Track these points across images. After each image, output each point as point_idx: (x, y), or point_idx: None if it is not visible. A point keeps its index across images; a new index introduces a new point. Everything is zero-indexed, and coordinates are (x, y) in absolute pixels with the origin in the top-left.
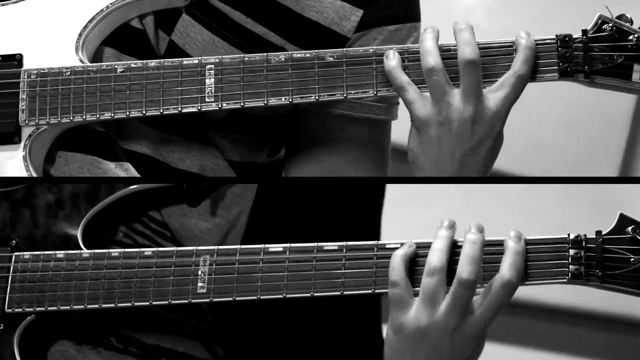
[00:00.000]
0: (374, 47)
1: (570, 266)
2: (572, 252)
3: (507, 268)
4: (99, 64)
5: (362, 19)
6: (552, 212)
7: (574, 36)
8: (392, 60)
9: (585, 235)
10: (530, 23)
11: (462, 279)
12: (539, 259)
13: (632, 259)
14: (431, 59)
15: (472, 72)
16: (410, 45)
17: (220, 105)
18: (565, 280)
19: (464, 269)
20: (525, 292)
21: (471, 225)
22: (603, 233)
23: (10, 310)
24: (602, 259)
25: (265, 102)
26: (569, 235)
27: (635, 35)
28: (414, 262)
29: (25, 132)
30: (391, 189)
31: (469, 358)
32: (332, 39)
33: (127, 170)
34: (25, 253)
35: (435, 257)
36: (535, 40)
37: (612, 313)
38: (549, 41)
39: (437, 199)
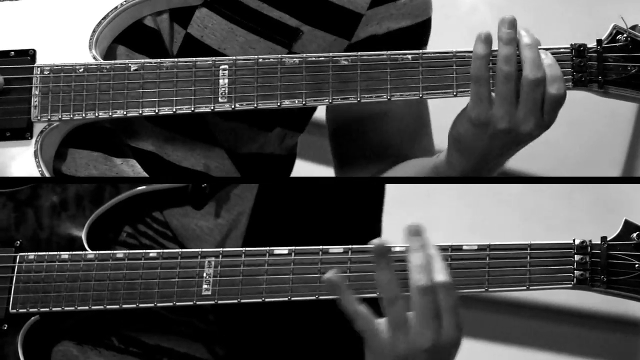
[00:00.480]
0: (389, 53)
1: (575, 272)
2: (577, 257)
3: (437, 272)
4: (113, 61)
5: None
6: (553, 212)
7: (589, 46)
8: (482, 48)
9: (590, 241)
10: (535, 20)
11: (419, 286)
12: (543, 264)
13: (637, 265)
14: (509, 67)
15: (535, 91)
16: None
17: (233, 106)
18: (570, 285)
19: (417, 277)
20: (526, 293)
21: (410, 230)
22: (608, 239)
23: (14, 310)
24: (607, 265)
25: (279, 103)
26: (574, 240)
27: None
28: None
29: (37, 128)
30: (391, 189)
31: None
32: (346, 16)
33: (133, 166)
34: (29, 254)
35: (392, 287)
36: (550, 49)
37: (611, 313)
38: (563, 50)
39: (438, 199)
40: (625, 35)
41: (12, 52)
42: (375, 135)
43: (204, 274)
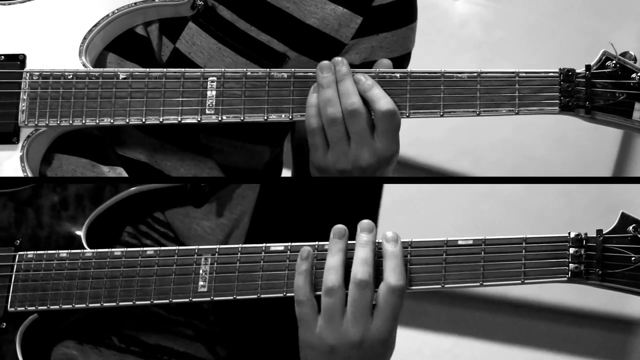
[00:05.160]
0: (377, 70)
1: (570, 264)
2: (572, 250)
3: (389, 274)
4: (102, 69)
5: (361, 26)
6: (553, 212)
7: (577, 71)
8: (314, 98)
9: (586, 233)
10: (525, 35)
11: (356, 280)
12: (538, 257)
13: (633, 258)
14: (332, 109)
15: (355, 121)
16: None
17: (220, 118)
18: (565, 279)
19: (358, 270)
20: (526, 292)
21: (362, 226)
22: (604, 232)
23: (13, 309)
24: (602, 258)
25: (265, 117)
26: (569, 233)
27: (638, 74)
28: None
29: (24, 132)
30: (392, 189)
31: None
32: (331, 45)
33: (120, 175)
34: (28, 252)
35: (332, 277)
36: (538, 73)
37: (611, 313)
38: (552, 74)
39: (438, 199)
40: (614, 61)
41: (2, 57)
42: None
43: (200, 271)
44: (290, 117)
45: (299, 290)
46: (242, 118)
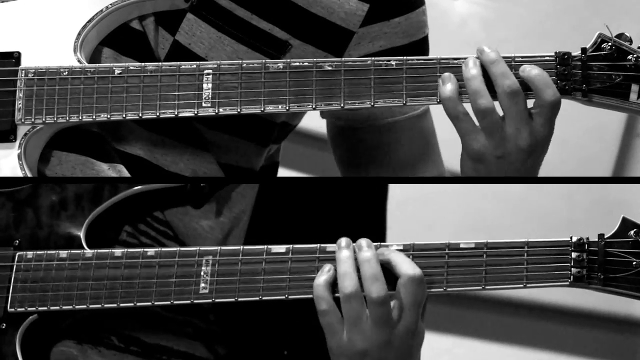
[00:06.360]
0: (373, 59)
1: (572, 269)
2: (574, 255)
3: (404, 266)
4: (97, 64)
5: (369, 13)
6: (553, 212)
7: (573, 54)
8: (448, 88)
9: (587, 238)
10: (525, 34)
11: (373, 299)
12: (540, 261)
13: (634, 263)
14: (483, 100)
15: (516, 102)
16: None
17: (217, 111)
18: (567, 283)
19: (372, 289)
20: (526, 292)
21: (361, 244)
22: (605, 236)
23: (12, 309)
24: (604, 262)
25: (262, 109)
26: (571, 238)
27: (634, 55)
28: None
29: (21, 130)
30: (393, 189)
31: (414, 353)
32: (338, 33)
33: (120, 172)
34: (28, 252)
35: (347, 283)
36: (534, 57)
37: (611, 313)
38: (547, 58)
39: (438, 198)
40: (610, 43)
41: None
42: (383, 165)
43: (202, 273)
44: (287, 108)
45: (321, 300)
46: (238, 110)
